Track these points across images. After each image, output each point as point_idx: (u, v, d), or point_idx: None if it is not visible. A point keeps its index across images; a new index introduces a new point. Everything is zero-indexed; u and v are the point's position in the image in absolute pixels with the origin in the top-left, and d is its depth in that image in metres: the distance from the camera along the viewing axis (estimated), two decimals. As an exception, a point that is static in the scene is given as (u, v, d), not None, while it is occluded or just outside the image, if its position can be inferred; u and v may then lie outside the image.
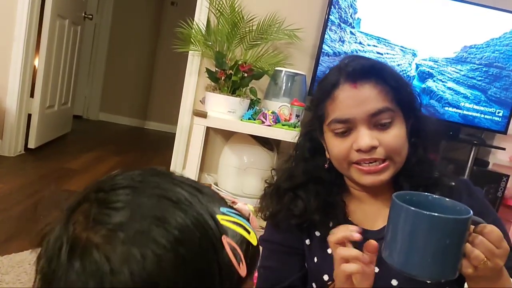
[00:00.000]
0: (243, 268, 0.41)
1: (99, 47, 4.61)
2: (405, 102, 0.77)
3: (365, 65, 0.76)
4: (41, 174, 2.28)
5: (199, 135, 2.05)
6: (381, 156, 0.74)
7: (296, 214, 0.81)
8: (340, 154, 0.77)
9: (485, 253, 0.57)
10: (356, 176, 0.77)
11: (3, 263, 1.25)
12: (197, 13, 2.55)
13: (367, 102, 0.74)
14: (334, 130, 0.77)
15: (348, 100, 0.75)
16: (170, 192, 0.41)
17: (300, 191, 0.82)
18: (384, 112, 0.74)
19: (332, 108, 0.77)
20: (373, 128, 0.74)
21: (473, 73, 2.49)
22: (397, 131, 0.75)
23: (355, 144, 0.74)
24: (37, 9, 2.52)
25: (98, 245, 0.37)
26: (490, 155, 2.81)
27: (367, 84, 0.75)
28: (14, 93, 2.48)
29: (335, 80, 0.77)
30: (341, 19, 2.42)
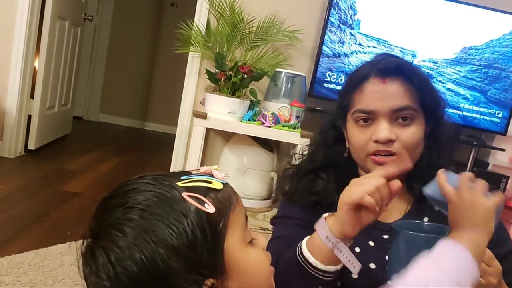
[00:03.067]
0: (210, 208, 0.48)
1: (99, 48, 4.61)
2: (428, 106, 0.81)
3: (396, 63, 0.80)
4: (41, 175, 2.28)
5: (199, 136, 2.05)
6: (396, 150, 0.78)
7: (315, 191, 0.85)
8: (359, 144, 0.81)
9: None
10: (371, 166, 0.81)
11: (3, 264, 1.25)
12: (197, 14, 2.56)
13: (392, 98, 0.78)
14: (356, 119, 0.81)
15: (375, 94, 0.79)
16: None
17: (321, 173, 0.87)
18: (406, 110, 0.78)
19: (358, 99, 0.81)
20: (394, 123, 0.79)
21: (472, 74, 2.49)
22: (415, 130, 0.79)
23: (374, 135, 0.78)
24: (37, 11, 2.52)
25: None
26: (489, 156, 2.81)
27: (396, 81, 0.79)
28: (14, 94, 2.48)
29: (366, 73, 0.81)
30: (341, 21, 2.42)
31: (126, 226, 0.46)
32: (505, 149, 2.61)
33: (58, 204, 1.88)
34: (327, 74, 2.46)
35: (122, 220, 0.46)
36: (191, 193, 0.49)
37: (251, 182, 2.36)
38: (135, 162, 3.08)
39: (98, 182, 2.34)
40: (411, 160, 0.80)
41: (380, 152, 0.78)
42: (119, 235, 0.45)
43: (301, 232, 0.83)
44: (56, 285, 1.19)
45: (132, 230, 0.45)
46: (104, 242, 0.46)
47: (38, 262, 1.29)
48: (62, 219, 1.71)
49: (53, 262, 1.31)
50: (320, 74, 2.45)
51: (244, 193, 2.36)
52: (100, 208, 0.51)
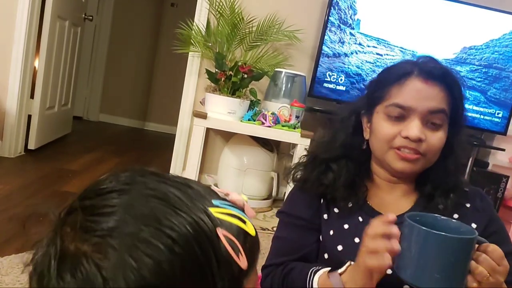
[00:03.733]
0: (243, 260, 0.39)
1: (99, 48, 4.61)
2: (456, 115, 0.84)
3: (441, 69, 0.82)
4: (41, 175, 2.28)
5: (199, 136, 2.05)
6: (422, 150, 0.80)
7: (324, 183, 0.87)
8: (386, 136, 0.83)
9: (488, 270, 0.63)
10: (391, 159, 0.83)
11: (3, 264, 1.25)
12: (197, 14, 2.56)
13: (431, 99, 0.80)
14: (390, 113, 0.82)
15: (415, 91, 0.81)
16: (159, 191, 0.39)
17: (334, 164, 0.88)
18: (441, 113, 0.81)
19: (397, 93, 0.82)
20: (425, 125, 0.81)
21: (472, 74, 2.49)
22: (442, 135, 0.82)
23: (405, 131, 0.80)
24: (37, 11, 2.52)
25: (88, 254, 0.35)
26: (490, 156, 2.81)
27: (437, 86, 0.81)
28: (14, 94, 2.48)
29: (410, 69, 0.83)
30: (341, 20, 2.42)
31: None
32: (505, 149, 2.61)
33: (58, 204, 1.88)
34: (327, 74, 2.46)
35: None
36: (227, 232, 0.39)
37: (251, 182, 2.36)
38: (135, 162, 3.07)
39: (98, 182, 2.33)
40: (430, 163, 0.84)
41: (407, 148, 0.81)
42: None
43: (301, 234, 0.89)
44: (56, 285, 1.19)
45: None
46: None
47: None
48: (62, 219, 1.71)
49: (53, 262, 1.31)
50: (320, 74, 2.45)
51: (244, 193, 2.36)
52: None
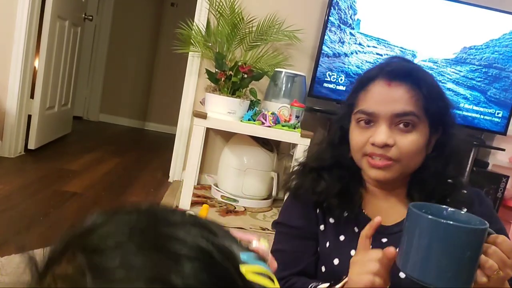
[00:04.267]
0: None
1: (99, 48, 4.61)
2: (435, 114, 0.79)
3: (405, 67, 0.79)
4: (41, 175, 2.28)
5: (199, 136, 2.05)
6: (392, 155, 0.77)
7: (317, 191, 0.85)
8: (357, 144, 0.81)
9: (498, 263, 0.58)
10: (365, 167, 0.81)
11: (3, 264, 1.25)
12: (197, 14, 2.56)
13: (396, 102, 0.77)
14: (358, 120, 0.81)
15: (378, 96, 0.78)
16: (180, 245, 0.30)
17: (325, 173, 0.86)
18: (408, 116, 0.76)
19: (362, 99, 0.81)
20: (394, 128, 0.77)
21: (472, 74, 2.49)
22: (416, 138, 0.77)
23: (372, 138, 0.78)
24: (37, 10, 2.52)
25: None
26: (489, 156, 2.81)
27: (402, 86, 0.77)
28: (14, 94, 2.48)
29: (374, 74, 0.81)
30: (341, 20, 2.42)
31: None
32: (505, 149, 2.61)
33: (58, 204, 1.88)
34: (327, 74, 2.46)
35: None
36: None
37: (251, 182, 2.36)
38: (135, 162, 3.08)
39: (98, 182, 2.33)
40: (409, 168, 0.79)
41: (376, 155, 0.78)
42: None
43: (298, 245, 0.87)
44: (56, 285, 1.19)
45: None
46: None
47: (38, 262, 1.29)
48: (62, 219, 1.71)
49: (53, 262, 1.31)
50: (320, 74, 2.45)
51: (244, 193, 2.36)
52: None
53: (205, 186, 2.66)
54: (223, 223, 1.96)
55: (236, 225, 1.98)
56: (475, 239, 0.57)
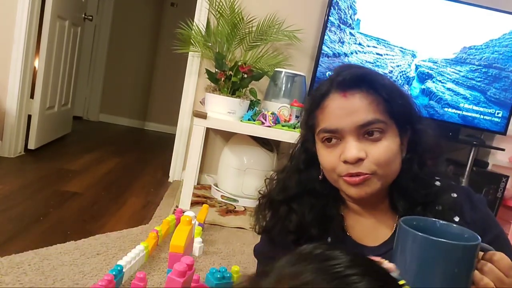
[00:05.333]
0: None
1: (99, 48, 4.62)
2: (399, 114, 0.74)
3: (356, 74, 0.74)
4: (41, 175, 2.28)
5: (199, 136, 2.05)
6: (367, 170, 0.72)
7: (291, 229, 0.79)
8: (329, 165, 0.75)
9: (494, 281, 0.56)
10: (344, 187, 0.75)
11: (3, 264, 1.25)
12: (197, 14, 2.56)
13: (356, 112, 0.72)
14: (322, 139, 0.76)
15: (337, 110, 0.73)
16: None
17: (294, 204, 0.80)
18: (373, 124, 0.71)
19: (322, 118, 0.75)
20: (362, 139, 0.72)
21: (472, 74, 2.49)
22: (388, 144, 0.72)
23: (342, 156, 0.72)
24: (37, 10, 2.52)
25: None
26: (489, 156, 2.81)
27: (357, 94, 0.72)
28: (14, 94, 2.48)
29: (326, 89, 0.76)
30: (341, 20, 2.42)
31: None
32: (505, 149, 2.61)
33: (58, 204, 1.88)
34: (327, 74, 2.46)
35: None
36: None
37: (251, 182, 2.36)
38: (135, 162, 3.08)
39: (98, 182, 2.34)
40: (389, 176, 0.74)
41: (351, 174, 0.72)
42: None
43: None
44: (56, 284, 1.19)
45: None
46: None
47: (38, 262, 1.29)
48: (62, 219, 1.71)
49: (53, 262, 1.31)
50: (320, 74, 2.45)
51: (244, 193, 2.36)
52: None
53: (205, 186, 2.66)
54: (223, 223, 1.97)
55: (236, 225, 1.98)
56: (466, 256, 0.55)
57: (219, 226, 1.93)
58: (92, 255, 1.40)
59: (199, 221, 1.76)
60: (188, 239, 1.31)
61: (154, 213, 1.96)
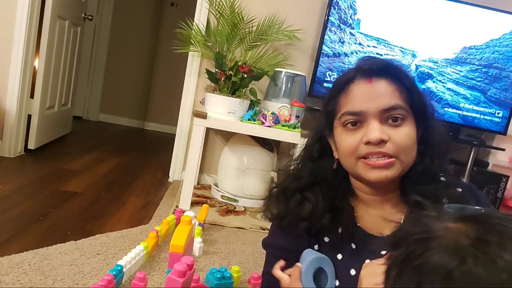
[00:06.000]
0: None
1: (99, 48, 4.61)
2: (418, 107, 0.77)
3: (382, 63, 0.77)
4: (41, 175, 2.28)
5: (199, 136, 2.05)
6: (389, 151, 0.74)
7: (303, 216, 0.80)
8: (349, 148, 0.77)
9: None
10: (363, 171, 0.76)
11: (3, 264, 1.25)
12: (197, 14, 2.56)
13: (381, 97, 0.75)
14: (344, 123, 0.77)
15: (362, 94, 0.76)
16: None
17: (307, 192, 0.82)
18: (396, 109, 0.74)
19: (345, 101, 0.78)
20: (385, 123, 0.75)
21: (472, 74, 2.49)
22: (408, 130, 0.75)
23: (365, 137, 0.74)
24: (37, 10, 2.52)
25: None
26: (489, 156, 2.81)
27: (383, 80, 0.76)
28: (14, 94, 2.48)
29: (351, 76, 0.78)
30: (341, 20, 2.42)
31: None
32: (505, 149, 2.61)
33: (58, 204, 1.88)
34: (327, 73, 2.46)
35: None
36: None
37: (251, 181, 2.36)
38: (135, 162, 3.07)
39: (98, 182, 2.33)
40: (407, 165, 0.76)
41: (373, 154, 0.74)
42: None
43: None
44: (56, 284, 1.19)
45: None
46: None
47: (38, 262, 1.29)
48: (62, 219, 1.71)
49: (53, 262, 1.31)
50: (320, 73, 2.45)
51: (244, 193, 2.36)
52: None
53: (205, 186, 2.66)
54: (223, 223, 1.96)
55: (236, 225, 1.98)
56: None
57: (219, 226, 1.93)
58: (92, 255, 1.40)
59: (199, 221, 1.76)
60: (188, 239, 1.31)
61: (154, 213, 1.96)
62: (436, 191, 0.77)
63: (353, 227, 0.80)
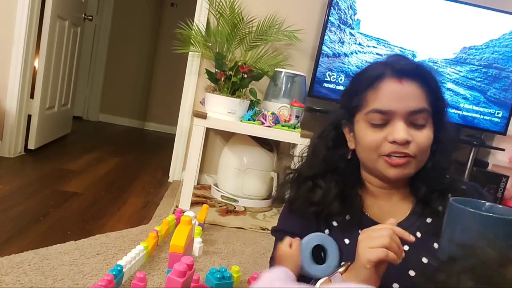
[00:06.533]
0: None
1: (99, 48, 4.62)
2: (437, 108, 0.80)
3: (414, 65, 0.79)
4: (41, 175, 2.28)
5: (199, 136, 2.05)
6: (411, 152, 0.77)
7: (314, 201, 0.84)
8: (373, 144, 0.79)
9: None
10: (383, 167, 0.80)
11: (3, 264, 1.25)
12: (197, 14, 2.56)
13: (409, 99, 0.77)
14: (371, 120, 0.79)
15: (392, 94, 0.77)
16: None
17: (319, 180, 0.85)
18: (422, 112, 0.77)
19: (373, 98, 0.79)
20: (409, 124, 0.77)
21: (472, 74, 2.49)
22: (428, 133, 0.79)
23: (391, 136, 0.77)
24: (37, 10, 2.52)
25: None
26: (489, 156, 2.81)
27: (413, 83, 0.77)
28: (14, 94, 2.48)
29: (381, 72, 0.80)
30: (341, 20, 2.42)
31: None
32: (504, 149, 2.61)
33: (58, 204, 1.88)
34: (327, 74, 2.46)
35: None
36: None
37: (251, 182, 2.36)
38: (135, 162, 3.07)
39: (98, 182, 2.33)
40: (422, 163, 0.80)
41: (396, 153, 0.77)
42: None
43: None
44: (56, 284, 1.19)
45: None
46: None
47: (38, 262, 1.29)
48: (62, 219, 1.71)
49: (53, 262, 1.31)
50: (320, 74, 2.45)
51: (244, 193, 2.36)
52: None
53: (205, 186, 2.66)
54: (223, 223, 1.97)
55: (236, 225, 1.98)
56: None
57: (219, 226, 1.93)
58: (92, 255, 1.40)
59: (199, 221, 1.76)
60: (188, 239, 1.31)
61: (154, 213, 1.96)
62: (443, 186, 0.82)
63: (360, 215, 0.84)
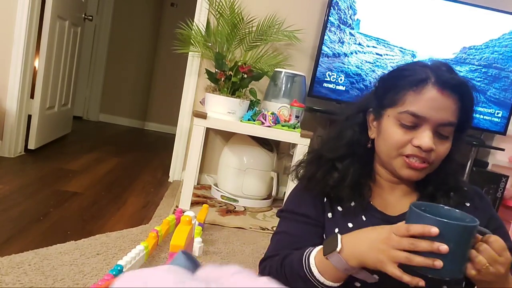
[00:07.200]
0: None
1: (99, 48, 4.62)
2: (463, 125, 0.83)
3: (459, 80, 0.82)
4: (41, 175, 2.28)
5: (199, 136, 2.05)
6: (430, 159, 0.81)
7: (330, 184, 0.87)
8: (397, 143, 0.82)
9: (488, 259, 0.65)
10: (399, 166, 0.83)
11: (3, 264, 1.25)
12: (197, 14, 2.56)
13: (445, 111, 0.80)
14: (402, 120, 0.81)
15: (431, 101, 0.79)
16: None
17: (339, 163, 0.88)
18: (451, 126, 0.81)
19: (412, 100, 0.81)
20: (434, 133, 0.81)
21: (472, 74, 2.49)
22: (449, 145, 0.82)
23: (417, 141, 0.79)
24: (37, 11, 2.52)
25: None
26: (489, 156, 2.82)
27: (452, 97, 0.80)
28: (14, 94, 2.48)
29: (426, 77, 0.82)
30: (341, 20, 2.42)
31: None
32: (504, 149, 2.61)
33: (58, 204, 1.88)
34: (327, 74, 2.46)
35: None
36: None
37: (251, 181, 2.36)
38: (135, 162, 3.08)
39: (98, 182, 2.34)
40: (434, 168, 0.84)
41: (416, 157, 0.80)
42: None
43: (304, 230, 0.88)
44: (56, 284, 1.19)
45: None
46: None
47: (38, 262, 1.29)
48: (62, 219, 1.71)
49: (53, 262, 1.31)
50: (320, 74, 2.45)
51: (244, 193, 2.36)
52: None
53: (205, 186, 2.66)
54: (223, 223, 1.97)
55: (236, 225, 1.98)
56: (465, 235, 0.64)
57: (219, 226, 1.93)
58: (92, 255, 1.41)
59: (199, 221, 1.76)
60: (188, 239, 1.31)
61: (154, 213, 1.96)
62: (447, 186, 0.86)
63: (366, 204, 0.87)
